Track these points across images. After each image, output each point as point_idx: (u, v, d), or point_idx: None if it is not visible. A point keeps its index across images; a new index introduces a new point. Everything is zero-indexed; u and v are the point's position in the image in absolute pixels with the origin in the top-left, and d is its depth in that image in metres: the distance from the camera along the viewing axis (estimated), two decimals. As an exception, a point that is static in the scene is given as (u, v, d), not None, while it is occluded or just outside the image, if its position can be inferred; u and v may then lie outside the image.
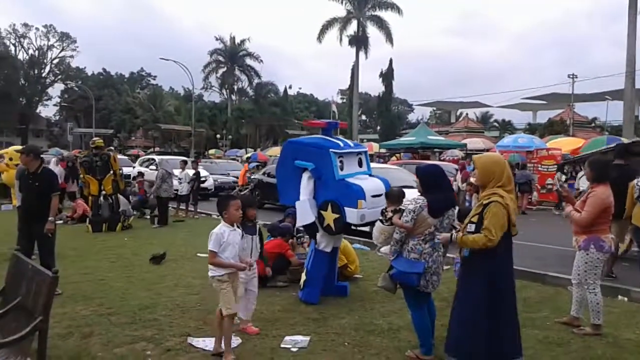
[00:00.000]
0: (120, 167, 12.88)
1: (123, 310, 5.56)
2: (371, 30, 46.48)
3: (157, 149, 52.82)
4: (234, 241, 4.37)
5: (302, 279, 6.09)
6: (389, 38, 45.60)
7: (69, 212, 13.16)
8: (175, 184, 13.93)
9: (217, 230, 4.33)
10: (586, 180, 5.72)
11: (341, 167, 5.86)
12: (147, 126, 56.88)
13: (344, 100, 67.64)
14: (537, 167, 18.58)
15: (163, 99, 63.50)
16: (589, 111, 48.20)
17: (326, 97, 77.76)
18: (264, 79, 65.48)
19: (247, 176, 19.34)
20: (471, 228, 3.85)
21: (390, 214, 4.60)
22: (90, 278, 7.01)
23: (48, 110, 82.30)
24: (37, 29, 69.37)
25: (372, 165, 6.78)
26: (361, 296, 6.33)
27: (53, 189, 6.49)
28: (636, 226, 7.19)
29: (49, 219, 6.33)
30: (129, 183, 15.65)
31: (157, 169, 15.47)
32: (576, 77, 43.04)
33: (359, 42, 46.12)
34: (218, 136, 57.38)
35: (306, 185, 5.85)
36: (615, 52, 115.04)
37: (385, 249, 4.89)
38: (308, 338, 4.80)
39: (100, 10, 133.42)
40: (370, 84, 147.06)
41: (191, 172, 14.72)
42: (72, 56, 72.49)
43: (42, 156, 6.78)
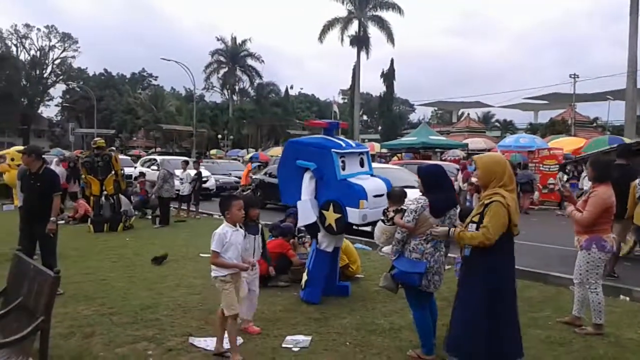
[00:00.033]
0: (122, 167, 12.90)
1: (125, 310, 5.56)
2: (372, 31, 46.64)
3: (158, 149, 52.91)
4: (236, 241, 4.36)
5: (304, 278, 6.08)
6: (390, 38, 45.69)
7: (71, 212, 13.18)
8: (176, 184, 13.94)
9: (220, 230, 4.32)
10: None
11: (343, 167, 5.86)
12: (148, 126, 56.96)
13: (345, 101, 67.69)
14: (539, 167, 18.57)
15: (164, 99, 63.55)
16: (590, 111, 48.15)
17: (327, 97, 77.73)
18: (265, 79, 65.51)
19: (249, 176, 19.33)
20: (472, 228, 3.85)
21: (392, 214, 4.60)
22: (92, 278, 7.02)
23: (50, 111, 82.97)
24: (38, 29, 69.78)
25: (373, 165, 6.77)
26: (363, 296, 6.33)
27: (55, 189, 6.50)
28: (638, 226, 7.20)
29: (51, 219, 6.34)
30: (130, 183, 15.65)
31: (158, 169, 15.47)
32: (578, 77, 42.97)
33: (360, 42, 46.14)
34: (219, 136, 57.39)
35: (308, 185, 5.85)
36: (617, 52, 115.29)
37: (387, 248, 4.89)
38: (309, 338, 4.80)
39: (101, 11, 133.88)
40: (372, 84, 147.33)
41: (193, 172, 14.73)
42: (73, 57, 72.89)
43: (43, 157, 6.79)
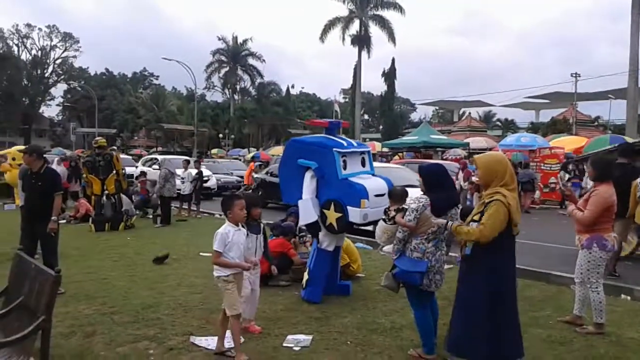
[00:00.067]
0: (123, 166, 12.91)
1: (126, 309, 5.57)
2: (373, 30, 46.70)
3: (159, 148, 52.98)
4: (238, 241, 4.35)
5: (305, 278, 6.08)
6: (391, 37, 45.73)
7: (72, 211, 13.19)
8: (177, 183, 13.95)
9: (222, 230, 4.31)
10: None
11: (344, 166, 5.85)
12: (149, 126, 56.97)
13: (347, 100, 67.63)
14: (540, 166, 18.56)
15: (166, 98, 63.57)
16: (591, 110, 47.95)
17: (329, 97, 77.77)
18: (267, 78, 65.51)
19: (252, 176, 19.28)
20: (473, 226, 3.85)
21: (393, 213, 4.59)
22: (93, 277, 7.03)
23: (51, 110, 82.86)
24: (40, 29, 69.84)
25: (374, 164, 6.76)
26: (364, 295, 6.33)
27: (56, 188, 6.50)
28: (639, 225, 7.19)
29: (52, 218, 6.35)
30: (131, 183, 15.66)
31: (159, 169, 15.49)
32: (579, 76, 42.92)
33: (362, 41, 46.15)
34: (220, 136, 57.41)
35: (309, 184, 5.84)
36: (618, 51, 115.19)
37: (388, 248, 4.88)
38: (310, 337, 4.80)
39: (103, 11, 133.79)
40: (373, 84, 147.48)
41: (194, 171, 14.74)
42: (75, 56, 72.93)
43: (45, 156, 6.79)
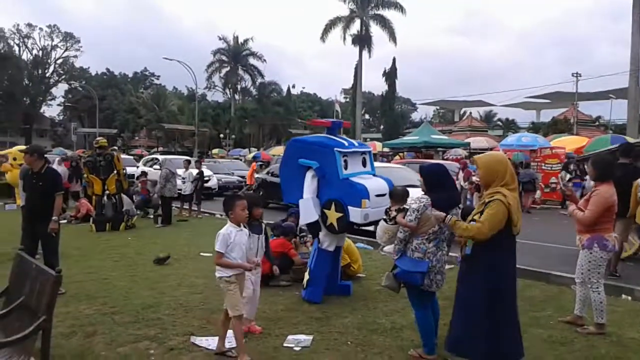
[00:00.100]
0: (124, 166, 12.92)
1: (126, 309, 5.57)
2: (374, 30, 46.67)
3: (160, 148, 52.99)
4: (240, 241, 4.34)
5: (305, 278, 6.08)
6: (392, 37, 45.67)
7: (73, 211, 13.19)
8: (178, 183, 13.95)
9: (224, 230, 4.30)
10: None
11: (345, 166, 5.85)
12: (150, 126, 56.99)
13: (347, 100, 67.59)
14: (541, 165, 18.55)
15: (166, 98, 63.54)
16: (592, 110, 47.94)
17: (329, 97, 77.87)
18: (267, 78, 65.52)
19: (254, 176, 19.23)
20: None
21: (394, 213, 4.59)
22: (94, 277, 7.03)
23: (52, 110, 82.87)
24: (41, 29, 70.00)
25: (375, 164, 6.76)
26: (364, 295, 6.33)
27: (57, 188, 6.51)
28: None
29: (53, 218, 6.35)
30: (132, 183, 15.67)
31: (160, 169, 15.49)
32: (580, 76, 42.86)
33: (362, 41, 46.12)
34: (221, 136, 57.43)
35: (310, 183, 5.83)
36: (619, 51, 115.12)
37: (389, 248, 4.87)
38: (311, 337, 4.79)
39: (103, 10, 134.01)
40: (374, 83, 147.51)
41: (195, 171, 14.74)
42: (75, 56, 73.16)
43: (46, 156, 6.79)
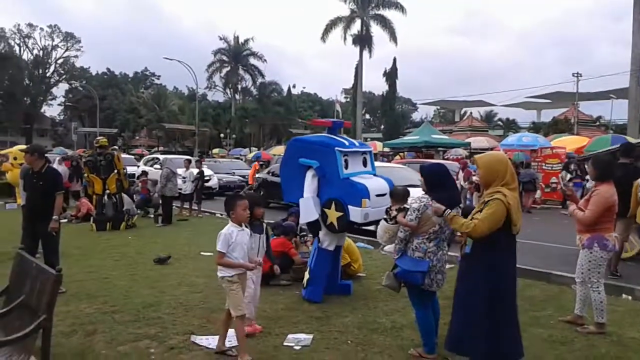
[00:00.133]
0: (125, 166, 12.93)
1: (127, 308, 5.57)
2: (375, 30, 46.66)
3: (161, 148, 52.96)
4: (242, 241, 4.34)
5: (306, 277, 6.08)
6: (392, 37, 45.69)
7: (73, 211, 13.21)
8: (179, 183, 13.96)
9: (226, 230, 4.30)
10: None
11: (346, 165, 5.85)
12: (151, 125, 56.98)
13: (348, 100, 67.62)
14: (542, 165, 18.54)
15: (167, 98, 63.50)
16: (593, 110, 47.94)
17: (330, 97, 77.70)
18: (268, 78, 65.60)
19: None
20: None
21: (395, 213, 4.59)
22: (94, 276, 7.03)
23: (52, 110, 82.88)
24: (41, 29, 70.09)
25: (376, 164, 6.76)
26: (364, 295, 6.32)
27: (57, 188, 6.51)
28: (640, 225, 7.18)
29: (53, 217, 6.36)
30: (133, 182, 15.67)
31: (161, 168, 15.50)
32: (580, 76, 42.85)
33: (363, 41, 46.11)
34: (222, 135, 57.44)
35: (310, 183, 5.83)
36: (619, 51, 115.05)
37: (390, 247, 4.88)
38: (311, 336, 4.80)
39: (104, 11, 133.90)
40: (374, 83, 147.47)
41: (195, 171, 14.75)
42: (76, 56, 73.21)
43: (46, 155, 6.80)
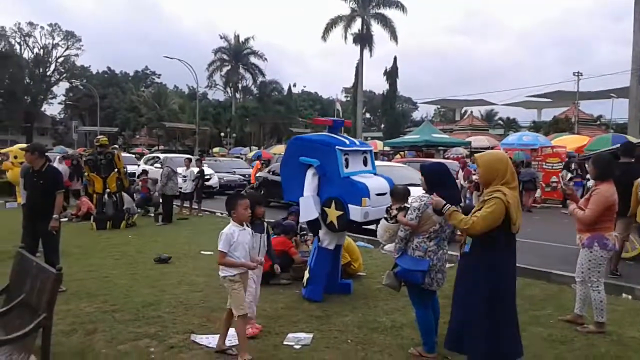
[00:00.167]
0: (125, 165, 12.92)
1: (127, 307, 5.57)
2: (375, 29, 46.62)
3: (161, 147, 53.00)
4: (244, 241, 4.34)
5: (306, 276, 6.08)
6: (393, 36, 45.69)
7: (74, 209, 13.21)
8: (179, 181, 13.96)
9: (227, 230, 4.30)
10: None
11: (346, 164, 5.85)
12: (151, 124, 56.99)
13: (348, 99, 67.62)
14: (542, 164, 18.54)
15: (167, 97, 63.46)
16: (594, 109, 48.03)
17: (330, 95, 77.74)
18: (268, 77, 65.59)
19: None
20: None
21: (395, 212, 4.59)
22: (95, 275, 7.04)
23: (53, 109, 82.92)
24: (42, 27, 70.01)
25: (376, 163, 6.75)
26: (365, 294, 6.33)
27: (58, 186, 6.51)
28: (640, 224, 7.18)
29: (54, 216, 6.36)
30: (133, 181, 15.68)
31: (162, 167, 15.50)
32: (581, 75, 42.80)
33: (364, 40, 46.09)
34: (222, 134, 57.43)
35: (310, 181, 5.84)
36: (620, 50, 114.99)
37: (390, 246, 4.88)
38: (311, 335, 4.80)
39: (104, 10, 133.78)
40: (375, 82, 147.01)
41: (195, 170, 14.75)
42: (76, 55, 73.16)
43: (46, 154, 6.80)
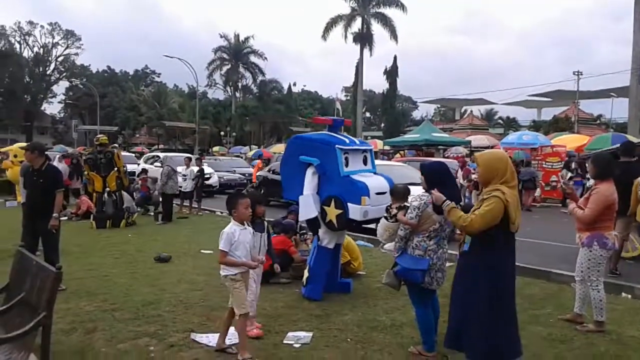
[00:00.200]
0: (125, 164, 12.92)
1: (127, 306, 5.57)
2: (376, 28, 46.60)
3: (161, 146, 52.96)
4: (244, 240, 4.34)
5: (305, 275, 6.09)
6: (393, 35, 45.67)
7: (73, 208, 13.21)
8: (179, 180, 13.96)
9: (228, 229, 4.30)
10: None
11: (346, 163, 5.85)
12: (151, 123, 56.96)
13: (348, 98, 67.60)
14: (542, 164, 18.54)
15: (167, 96, 63.42)
16: (594, 108, 48.11)
17: (330, 95, 77.72)
18: (268, 76, 65.52)
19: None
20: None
21: (395, 211, 4.59)
22: (94, 274, 7.03)
23: (53, 108, 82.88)
24: (42, 26, 69.88)
25: (376, 162, 6.75)
26: (364, 293, 6.33)
27: (57, 185, 6.51)
28: (640, 223, 7.18)
29: (53, 215, 6.35)
30: (133, 180, 15.67)
31: (161, 166, 15.50)
32: (581, 74, 42.78)
33: (364, 39, 46.08)
34: (222, 133, 57.38)
35: (310, 180, 5.84)
36: (620, 50, 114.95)
37: (390, 245, 4.88)
38: (311, 334, 4.80)
39: (104, 10, 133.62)
40: (375, 82, 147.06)
41: (195, 169, 14.75)
42: (76, 54, 72.98)
43: (46, 153, 6.80)
